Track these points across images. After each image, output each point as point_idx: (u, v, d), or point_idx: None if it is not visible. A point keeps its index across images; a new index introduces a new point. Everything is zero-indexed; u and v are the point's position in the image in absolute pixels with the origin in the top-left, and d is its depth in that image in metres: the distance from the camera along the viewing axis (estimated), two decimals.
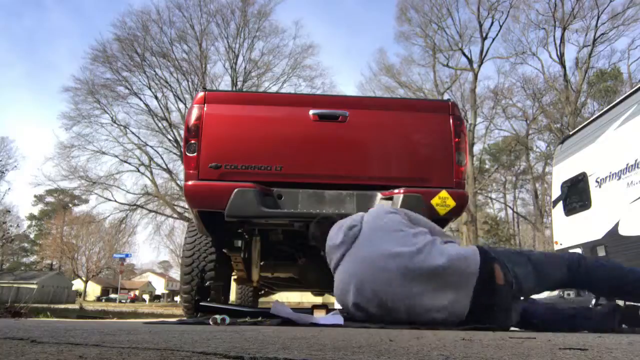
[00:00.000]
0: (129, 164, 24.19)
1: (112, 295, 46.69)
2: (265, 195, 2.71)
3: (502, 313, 1.94)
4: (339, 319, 1.91)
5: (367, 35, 73.24)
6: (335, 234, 2.20)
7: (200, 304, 2.81)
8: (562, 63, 24.24)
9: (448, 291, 1.90)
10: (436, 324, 1.85)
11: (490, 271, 1.93)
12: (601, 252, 5.72)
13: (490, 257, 1.99)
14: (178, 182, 23.10)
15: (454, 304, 1.88)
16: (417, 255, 1.93)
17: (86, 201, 34.21)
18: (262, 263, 3.44)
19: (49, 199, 46.66)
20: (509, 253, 2.12)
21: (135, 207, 24.82)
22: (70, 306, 13.40)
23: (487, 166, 33.81)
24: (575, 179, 6.55)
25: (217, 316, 2.09)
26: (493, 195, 35.72)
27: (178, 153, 23.06)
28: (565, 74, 24.21)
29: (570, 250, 6.49)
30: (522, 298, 2.11)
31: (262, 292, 6.25)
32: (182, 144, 5.84)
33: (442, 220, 2.92)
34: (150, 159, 24.21)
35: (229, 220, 2.70)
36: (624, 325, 2.14)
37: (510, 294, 1.95)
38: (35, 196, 46.97)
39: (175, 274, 54.80)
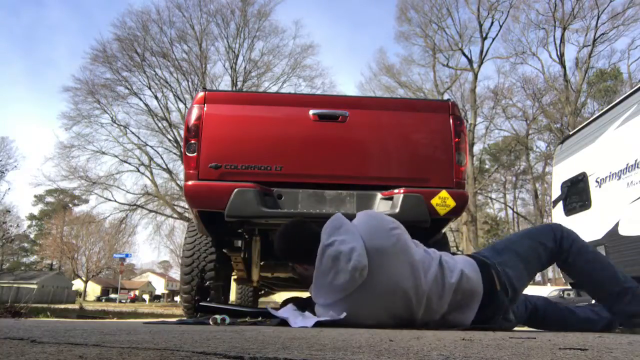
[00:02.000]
0: (129, 164, 24.26)
1: (112, 295, 46.72)
2: (265, 195, 2.71)
3: (500, 316, 1.90)
4: (310, 321, 1.83)
5: (368, 34, 73.41)
6: (332, 269, 1.77)
7: (200, 304, 2.80)
8: (562, 63, 24.28)
9: (455, 312, 1.83)
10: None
11: (491, 280, 1.86)
12: (601, 252, 5.72)
13: (487, 264, 1.91)
14: (178, 182, 23.12)
15: (459, 321, 1.84)
16: (434, 284, 1.80)
17: (86, 201, 34.33)
18: (262, 263, 3.44)
19: (49, 199, 46.76)
20: (497, 252, 1.99)
21: (135, 207, 24.84)
22: (70, 306, 13.40)
23: (487, 166, 33.83)
24: (575, 179, 6.55)
25: (217, 316, 2.08)
26: (493, 195, 35.77)
27: (178, 153, 23.07)
28: (565, 74, 24.25)
29: None
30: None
31: (262, 292, 6.26)
32: (182, 144, 5.84)
33: (442, 221, 2.92)
34: (150, 159, 24.24)
35: (229, 220, 2.70)
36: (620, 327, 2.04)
37: (506, 299, 1.89)
38: (35, 196, 47.11)
39: (175, 274, 54.83)
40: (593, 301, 2.21)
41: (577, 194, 6.56)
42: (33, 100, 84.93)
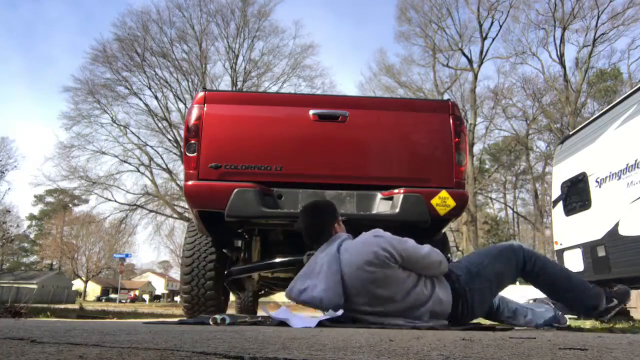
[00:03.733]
0: (129, 164, 24.24)
1: (112, 295, 46.69)
2: (265, 195, 2.71)
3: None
4: (312, 321, 1.93)
5: (371, 30, 72.95)
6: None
7: (230, 269, 3.01)
8: (562, 63, 24.26)
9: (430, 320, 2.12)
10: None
11: (457, 305, 2.16)
12: (601, 252, 5.72)
13: (458, 294, 2.16)
14: (178, 182, 23.11)
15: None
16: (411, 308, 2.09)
17: (86, 201, 34.29)
18: None
19: (49, 199, 46.72)
20: (472, 275, 2.22)
21: (135, 207, 24.83)
22: (70, 306, 13.39)
23: (487, 166, 33.81)
24: (575, 179, 6.55)
25: (217, 316, 2.09)
26: (493, 195, 35.75)
27: (178, 153, 23.07)
28: (565, 74, 24.22)
29: (568, 251, 6.49)
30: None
31: (262, 292, 6.25)
32: (182, 144, 5.83)
33: (442, 221, 2.92)
34: (150, 159, 24.23)
35: (229, 220, 2.70)
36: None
37: (467, 319, 2.21)
38: (35, 196, 47.05)
39: (175, 274, 54.81)
40: (531, 301, 2.55)
41: (577, 194, 6.55)
42: (32, 99, 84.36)
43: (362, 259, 2.03)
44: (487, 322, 2.48)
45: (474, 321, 2.37)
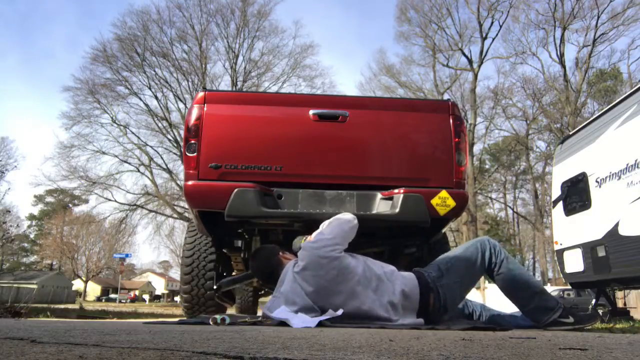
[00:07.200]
0: (129, 164, 24.25)
1: (112, 295, 46.73)
2: (265, 195, 2.71)
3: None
4: (312, 321, 1.94)
5: (376, 26, 72.41)
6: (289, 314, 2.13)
7: (220, 282, 3.10)
8: (562, 63, 24.25)
9: (401, 317, 2.18)
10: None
11: (426, 299, 2.24)
12: (601, 252, 5.72)
13: (427, 287, 2.26)
14: (178, 182, 23.12)
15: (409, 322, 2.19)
16: (376, 299, 2.16)
17: (86, 201, 34.31)
18: None
19: (49, 199, 46.73)
20: (442, 272, 2.32)
21: (135, 207, 24.84)
22: (70, 306, 13.39)
23: (487, 166, 33.81)
24: (575, 179, 6.56)
25: (217, 316, 2.09)
26: (493, 195, 35.75)
27: (178, 153, 23.08)
28: (565, 74, 24.21)
29: (568, 251, 6.49)
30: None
31: (262, 292, 6.26)
32: (182, 144, 5.83)
33: (442, 220, 2.92)
34: (150, 159, 24.24)
35: (228, 220, 2.70)
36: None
37: (439, 313, 2.26)
38: (35, 196, 47.07)
39: (175, 274, 54.83)
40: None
41: (577, 194, 6.56)
42: (31, 96, 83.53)
43: (314, 268, 2.13)
44: None
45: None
